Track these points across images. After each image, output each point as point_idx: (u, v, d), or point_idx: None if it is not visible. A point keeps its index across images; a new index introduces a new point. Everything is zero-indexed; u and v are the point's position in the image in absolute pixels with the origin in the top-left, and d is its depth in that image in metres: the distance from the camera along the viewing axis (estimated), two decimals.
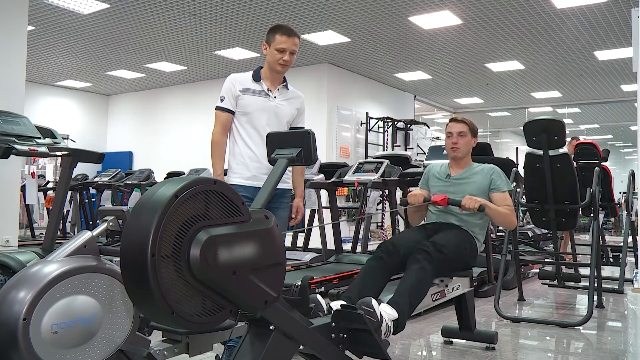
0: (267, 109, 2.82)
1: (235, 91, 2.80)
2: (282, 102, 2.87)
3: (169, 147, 11.56)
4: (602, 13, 6.84)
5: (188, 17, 7.21)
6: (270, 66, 2.83)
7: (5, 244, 5.10)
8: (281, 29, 2.78)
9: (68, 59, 9.55)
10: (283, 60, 2.78)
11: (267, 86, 2.84)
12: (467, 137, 3.15)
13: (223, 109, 2.82)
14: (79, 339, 1.89)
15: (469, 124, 3.17)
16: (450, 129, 3.18)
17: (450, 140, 3.16)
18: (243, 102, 2.80)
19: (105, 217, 2.29)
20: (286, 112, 2.88)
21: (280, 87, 2.89)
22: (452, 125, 3.19)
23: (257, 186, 2.76)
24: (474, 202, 2.81)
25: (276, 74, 2.85)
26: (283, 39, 2.76)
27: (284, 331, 1.84)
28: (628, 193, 5.69)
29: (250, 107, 2.79)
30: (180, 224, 1.56)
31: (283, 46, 2.76)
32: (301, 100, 2.98)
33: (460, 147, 3.14)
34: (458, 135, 3.14)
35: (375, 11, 6.90)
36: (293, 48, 2.78)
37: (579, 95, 11.96)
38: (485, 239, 3.16)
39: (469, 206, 2.82)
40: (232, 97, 2.80)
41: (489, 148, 6.23)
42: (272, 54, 2.78)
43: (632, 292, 2.48)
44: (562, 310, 4.66)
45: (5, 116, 3.50)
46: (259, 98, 2.81)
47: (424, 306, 2.72)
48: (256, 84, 2.83)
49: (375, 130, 10.58)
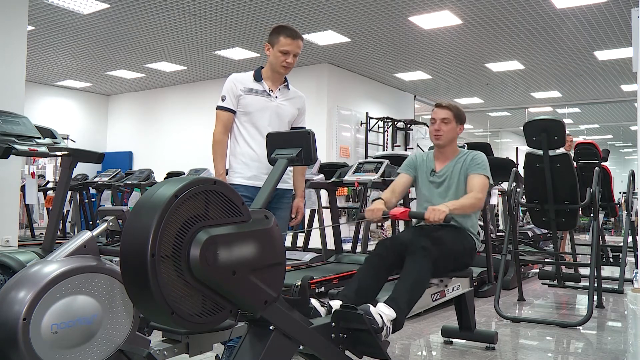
0: (269, 109, 2.81)
1: (237, 91, 2.79)
2: (284, 102, 2.87)
3: (169, 147, 11.55)
4: (602, 13, 6.84)
5: (188, 17, 7.21)
6: (272, 67, 2.83)
7: (5, 244, 5.10)
8: (285, 31, 2.77)
9: (68, 59, 9.54)
10: (286, 63, 2.78)
11: (269, 86, 2.84)
12: (451, 124, 2.94)
13: (224, 109, 2.81)
14: (79, 339, 1.89)
15: (454, 110, 2.96)
16: (434, 115, 2.97)
17: (433, 127, 2.95)
18: (244, 101, 2.80)
19: (105, 217, 2.29)
20: (287, 112, 2.88)
21: (282, 87, 2.89)
22: (436, 111, 2.98)
23: (258, 186, 2.75)
24: (438, 214, 2.52)
25: (277, 75, 2.86)
26: (287, 41, 2.75)
27: (284, 331, 1.84)
28: (628, 193, 5.69)
29: (251, 106, 2.79)
30: (180, 224, 1.56)
31: (287, 48, 2.75)
32: (302, 100, 2.98)
33: (444, 134, 2.93)
34: (441, 122, 2.94)
35: (375, 11, 6.90)
36: (297, 51, 2.78)
37: (579, 95, 11.96)
38: (485, 239, 3.14)
39: (433, 219, 2.54)
40: (233, 97, 2.80)
41: (489, 148, 6.23)
42: (276, 55, 2.78)
43: (632, 292, 2.48)
44: (562, 310, 4.66)
45: (5, 116, 3.50)
46: (261, 98, 2.81)
47: (424, 306, 2.72)
48: (257, 84, 2.83)
49: (375, 130, 10.58)
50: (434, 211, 2.54)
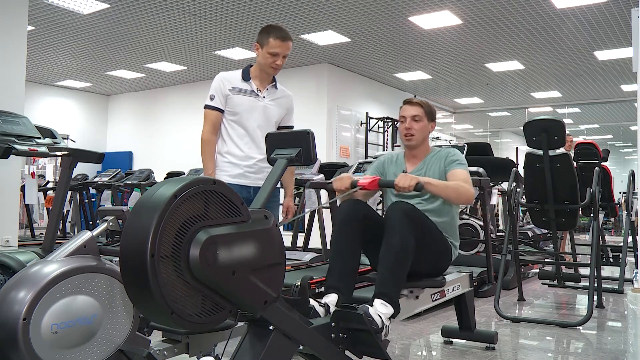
0: (257, 109, 2.81)
1: (225, 90, 2.78)
2: (271, 102, 2.87)
3: (169, 147, 11.55)
4: (602, 13, 6.84)
5: (188, 17, 7.21)
6: (261, 68, 2.82)
7: (5, 244, 5.10)
8: (275, 32, 2.75)
9: (68, 59, 9.55)
10: (275, 64, 2.77)
11: (257, 86, 2.83)
12: (422, 122, 2.74)
13: (213, 108, 2.80)
14: (79, 339, 1.89)
15: (425, 107, 2.77)
16: (403, 112, 2.76)
17: (404, 126, 2.75)
18: (232, 101, 2.79)
19: (105, 217, 2.29)
20: (275, 113, 2.88)
21: (270, 86, 2.88)
22: (405, 108, 2.77)
23: (243, 184, 2.78)
24: (409, 180, 2.33)
25: (266, 75, 2.84)
26: (277, 43, 2.74)
27: (284, 331, 1.84)
28: (628, 193, 5.69)
29: (239, 107, 2.79)
30: (179, 224, 1.56)
31: (277, 50, 2.74)
32: (290, 99, 2.98)
33: (415, 133, 2.72)
34: (412, 119, 2.73)
35: (375, 11, 6.90)
36: (286, 52, 2.77)
37: (579, 95, 11.96)
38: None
39: (402, 185, 2.33)
40: (221, 96, 2.79)
41: (489, 148, 6.24)
42: (265, 56, 2.76)
43: (632, 292, 2.48)
44: (562, 310, 4.65)
45: (5, 116, 3.50)
46: (249, 98, 2.80)
47: (424, 306, 2.72)
48: (245, 84, 2.82)
49: (375, 130, 10.58)
50: (405, 177, 2.35)
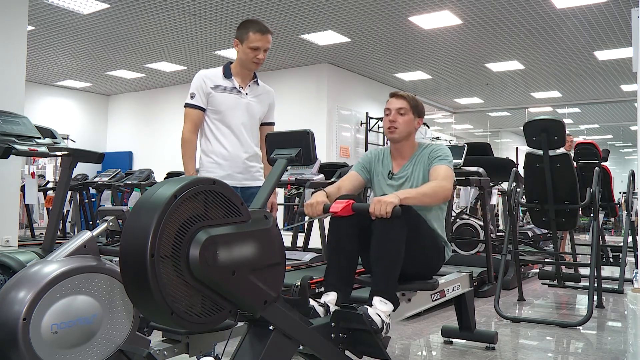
0: (240, 106, 2.79)
1: (207, 88, 2.75)
2: (254, 98, 2.86)
3: (169, 147, 11.53)
4: (602, 13, 6.84)
5: (188, 17, 7.20)
6: (242, 64, 2.79)
7: (5, 244, 5.10)
8: (254, 26, 2.72)
9: (68, 59, 9.54)
10: (257, 59, 2.74)
11: (238, 82, 2.81)
12: (407, 116, 2.63)
13: (194, 106, 2.76)
14: (79, 339, 1.89)
15: (411, 100, 2.66)
16: (388, 105, 2.67)
17: (388, 119, 2.64)
18: (215, 100, 2.76)
19: (105, 217, 2.29)
20: (258, 109, 2.87)
21: (251, 83, 2.86)
22: (390, 101, 2.67)
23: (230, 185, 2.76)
24: (385, 206, 2.16)
25: (247, 71, 2.83)
26: (257, 36, 2.71)
27: (284, 331, 1.84)
28: (628, 193, 5.69)
29: (222, 105, 2.76)
30: (179, 224, 1.56)
31: (257, 44, 2.71)
32: (272, 95, 2.97)
33: (399, 127, 2.61)
34: (397, 112, 2.62)
35: (375, 11, 6.90)
36: (267, 45, 2.74)
37: (579, 95, 11.96)
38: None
39: (378, 213, 2.18)
40: (203, 94, 2.75)
41: (489, 148, 6.24)
42: (246, 52, 2.73)
43: (632, 292, 2.48)
44: (562, 310, 4.66)
45: (5, 116, 3.50)
46: (231, 95, 2.78)
47: (424, 306, 2.72)
48: (227, 81, 2.80)
49: (375, 130, 10.58)
50: (379, 203, 2.17)
